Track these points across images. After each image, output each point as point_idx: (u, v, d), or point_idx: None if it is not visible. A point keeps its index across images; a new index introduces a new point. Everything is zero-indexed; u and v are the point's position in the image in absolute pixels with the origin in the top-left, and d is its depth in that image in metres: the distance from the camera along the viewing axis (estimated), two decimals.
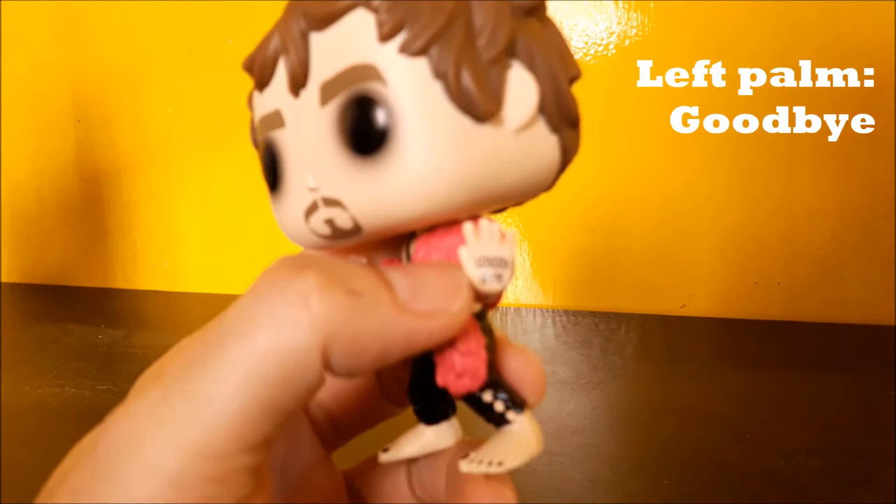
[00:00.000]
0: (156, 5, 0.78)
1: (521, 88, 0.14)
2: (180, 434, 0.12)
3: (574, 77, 0.16)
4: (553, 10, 0.16)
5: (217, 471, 0.12)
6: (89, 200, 0.85)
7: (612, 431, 0.45)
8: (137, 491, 0.12)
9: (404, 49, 0.13)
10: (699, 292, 0.66)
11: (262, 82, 0.16)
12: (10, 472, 0.41)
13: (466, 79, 0.14)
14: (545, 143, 0.15)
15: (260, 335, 0.13)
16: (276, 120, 0.16)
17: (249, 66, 0.16)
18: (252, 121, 0.17)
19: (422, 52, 0.14)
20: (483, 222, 0.15)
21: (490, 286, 0.15)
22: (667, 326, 0.64)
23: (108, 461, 0.13)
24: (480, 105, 0.14)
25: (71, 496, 0.13)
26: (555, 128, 0.15)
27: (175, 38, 0.79)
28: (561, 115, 0.15)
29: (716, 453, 0.41)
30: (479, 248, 0.15)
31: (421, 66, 0.14)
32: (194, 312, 0.74)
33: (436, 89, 0.14)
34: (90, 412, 0.48)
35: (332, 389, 0.20)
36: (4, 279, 0.90)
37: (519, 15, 0.15)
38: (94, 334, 0.67)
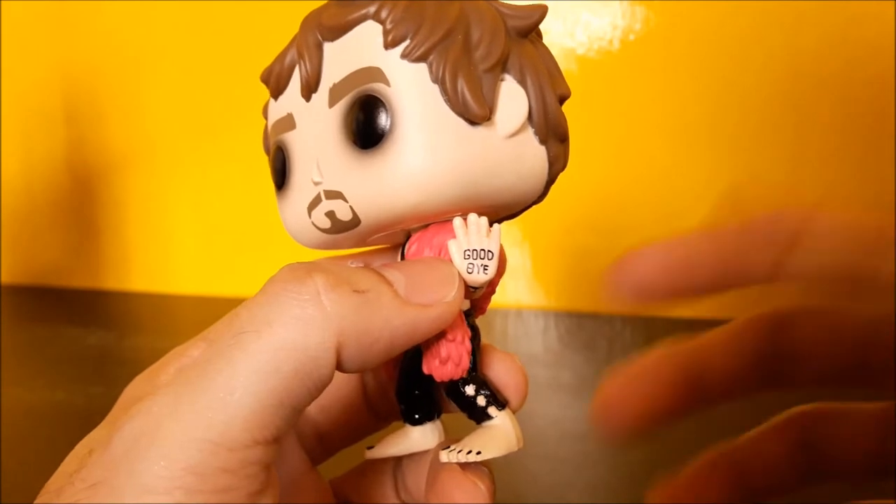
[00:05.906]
0: (148, 3, 0.77)
1: (512, 99, 0.16)
2: (199, 425, 0.13)
3: (563, 96, 0.18)
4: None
5: (232, 461, 0.13)
6: (80, 199, 0.84)
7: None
8: (157, 481, 0.13)
9: (406, 55, 0.15)
10: None
11: (277, 90, 0.18)
12: (2, 475, 0.40)
13: (461, 85, 0.15)
14: (533, 152, 0.17)
15: (277, 332, 0.14)
16: (288, 123, 0.18)
17: (266, 78, 0.18)
18: (265, 128, 0.19)
19: (422, 58, 0.15)
20: (471, 216, 0.17)
21: (477, 276, 0.17)
22: (672, 329, 0.63)
23: (126, 455, 0.13)
24: (474, 109, 0.15)
25: (88, 491, 0.13)
26: (543, 140, 0.17)
27: (167, 36, 0.78)
28: (549, 128, 0.17)
29: None
30: (467, 241, 0.16)
31: (421, 71, 0.15)
32: (187, 315, 0.74)
33: (434, 92, 0.15)
34: (82, 416, 0.47)
35: (319, 401, 0.21)
36: None
37: (513, 35, 0.17)
38: (85, 337, 0.66)
